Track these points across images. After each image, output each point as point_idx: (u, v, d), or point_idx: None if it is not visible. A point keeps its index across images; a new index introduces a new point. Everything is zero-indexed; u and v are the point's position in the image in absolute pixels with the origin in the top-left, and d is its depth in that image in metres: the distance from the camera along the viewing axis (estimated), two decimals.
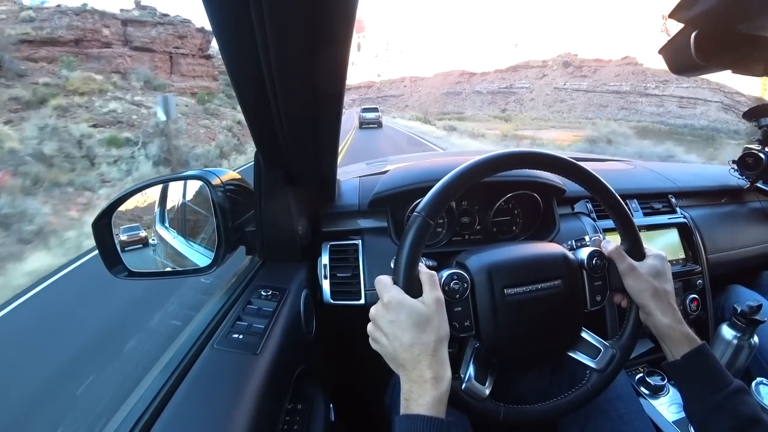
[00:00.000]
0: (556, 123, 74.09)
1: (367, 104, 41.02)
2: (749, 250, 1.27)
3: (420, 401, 0.51)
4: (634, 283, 0.64)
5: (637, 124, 70.06)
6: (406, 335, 0.53)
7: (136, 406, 0.53)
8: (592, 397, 0.65)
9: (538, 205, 1.08)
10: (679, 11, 0.60)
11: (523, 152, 0.66)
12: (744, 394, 0.58)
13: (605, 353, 0.66)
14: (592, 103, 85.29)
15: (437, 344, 0.54)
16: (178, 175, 0.90)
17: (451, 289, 0.60)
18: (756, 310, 0.86)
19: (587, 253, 0.67)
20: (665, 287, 0.65)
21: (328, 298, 0.98)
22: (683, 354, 0.62)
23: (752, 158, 1.30)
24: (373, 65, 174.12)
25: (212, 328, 0.70)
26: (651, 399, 0.94)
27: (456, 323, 0.60)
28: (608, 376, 0.65)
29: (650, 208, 1.22)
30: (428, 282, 0.57)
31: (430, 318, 0.54)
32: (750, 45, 0.66)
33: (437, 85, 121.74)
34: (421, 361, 0.52)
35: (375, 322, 0.58)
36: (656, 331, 0.65)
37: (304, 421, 0.72)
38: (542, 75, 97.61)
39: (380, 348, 0.57)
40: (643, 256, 0.67)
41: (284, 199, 0.88)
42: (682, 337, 0.62)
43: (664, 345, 0.65)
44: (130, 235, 0.85)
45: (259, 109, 0.65)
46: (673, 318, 0.63)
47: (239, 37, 0.51)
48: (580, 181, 0.67)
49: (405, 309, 0.54)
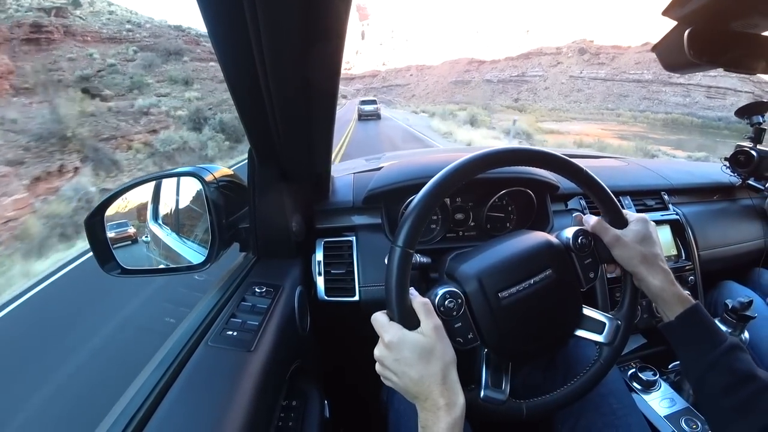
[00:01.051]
0: (576, 114, 69.21)
1: (371, 95, 40.29)
2: (740, 246, 1.28)
3: (435, 429, 0.52)
4: (622, 252, 0.65)
5: (665, 116, 66.08)
6: (413, 370, 0.54)
7: (130, 404, 0.53)
8: (606, 371, 0.65)
9: (531, 202, 1.09)
10: (672, 9, 0.60)
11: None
12: (738, 350, 0.59)
13: (611, 325, 0.66)
14: (612, 92, 79.58)
15: (445, 371, 0.54)
16: (171, 172, 0.89)
17: (446, 309, 0.60)
18: (747, 306, 0.87)
19: (571, 233, 0.67)
20: (653, 250, 0.65)
21: (323, 295, 0.98)
22: (677, 314, 0.62)
23: (744, 156, 1.32)
24: (378, 54, 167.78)
25: (206, 325, 0.69)
26: (643, 394, 0.95)
27: (460, 339, 0.60)
28: (617, 347, 0.66)
29: (643, 204, 1.23)
30: (423, 311, 0.57)
31: (432, 348, 0.54)
32: (742, 43, 0.66)
33: (445, 74, 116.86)
34: (432, 391, 0.53)
35: (381, 363, 0.58)
36: (650, 294, 0.65)
37: (299, 417, 0.72)
38: (556, 63, 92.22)
39: (393, 385, 0.58)
40: (625, 223, 0.68)
41: (278, 196, 0.88)
42: (674, 297, 0.63)
43: (659, 307, 0.66)
44: (118, 232, 0.84)
45: (253, 104, 0.65)
46: (664, 279, 0.64)
47: (232, 32, 0.51)
48: (557, 169, 0.67)
49: (407, 345, 0.55)
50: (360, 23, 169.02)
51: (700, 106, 67.20)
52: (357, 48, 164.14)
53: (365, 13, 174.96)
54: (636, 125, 53.55)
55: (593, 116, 69.67)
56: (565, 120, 59.07)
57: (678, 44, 0.65)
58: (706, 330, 0.61)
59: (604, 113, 74.84)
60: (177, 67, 33.78)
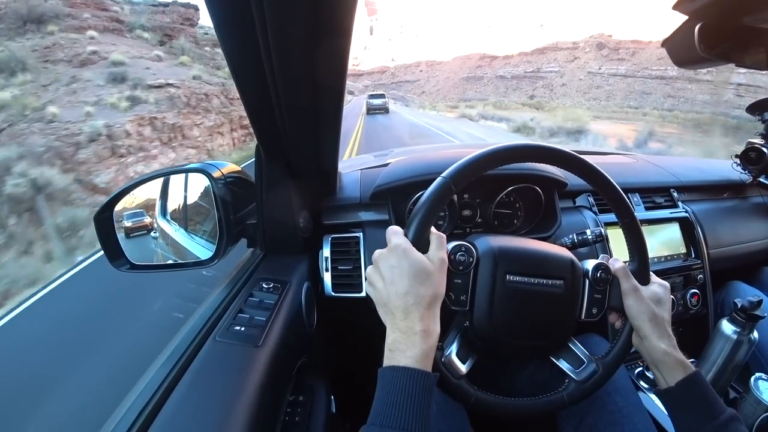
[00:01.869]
0: (599, 112, 63.79)
1: (380, 90, 38.43)
2: (750, 245, 1.27)
3: (407, 353, 0.50)
4: (635, 303, 0.64)
5: (696, 115, 60.94)
6: (404, 282, 0.53)
7: (139, 398, 0.54)
8: (564, 406, 0.64)
9: (539, 199, 1.08)
10: (683, 3, 0.60)
11: (533, 146, 0.65)
12: (737, 422, 0.58)
13: (587, 367, 0.65)
14: (633, 89, 73.33)
15: (432, 299, 0.54)
16: (179, 168, 0.90)
17: (456, 260, 0.61)
18: (756, 306, 0.86)
19: (593, 265, 0.66)
20: (664, 315, 0.65)
21: (330, 291, 0.98)
22: (677, 381, 0.61)
23: (755, 153, 1.30)
24: (387, 49, 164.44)
25: (214, 320, 0.70)
26: (649, 393, 0.94)
27: (452, 294, 0.61)
28: (586, 389, 0.64)
29: (652, 202, 1.22)
30: (436, 242, 0.57)
31: (431, 273, 0.54)
32: (754, 37, 0.65)
33: (456, 70, 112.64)
34: (412, 312, 0.52)
35: (376, 264, 0.58)
36: (650, 357, 0.64)
37: (305, 412, 0.72)
38: (573, 58, 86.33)
39: (374, 292, 0.57)
40: (648, 282, 0.67)
41: (285, 192, 0.88)
42: (676, 363, 0.62)
43: (657, 372, 0.64)
44: (134, 222, 0.86)
45: (260, 100, 0.65)
46: (668, 344, 0.63)
47: (239, 28, 0.51)
48: (589, 181, 0.66)
49: (409, 258, 0.54)
50: (368, 18, 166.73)
51: (730, 105, 60.33)
52: (365, 43, 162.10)
53: (374, 8, 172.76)
54: (666, 125, 50.44)
55: (617, 115, 64.71)
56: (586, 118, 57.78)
57: (688, 39, 0.64)
58: (706, 399, 0.60)
59: (629, 112, 70.01)
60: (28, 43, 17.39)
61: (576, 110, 35.16)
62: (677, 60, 0.73)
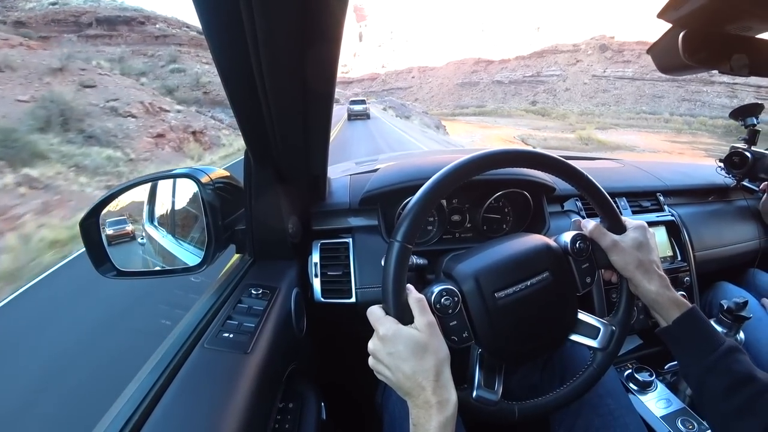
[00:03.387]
0: (615, 119, 56.65)
1: (372, 98, 36.28)
2: (736, 247, 1.29)
3: (427, 426, 0.52)
4: (619, 257, 0.66)
5: (725, 121, 54.08)
6: (407, 365, 0.54)
7: (125, 407, 0.53)
8: (599, 376, 0.66)
9: (528, 203, 1.09)
10: (667, 11, 0.61)
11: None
12: (737, 352, 0.60)
13: (605, 331, 0.67)
14: (643, 93, 67.42)
15: (438, 368, 0.54)
16: (167, 174, 0.89)
17: (442, 306, 0.60)
18: (742, 307, 0.87)
19: (569, 237, 0.68)
20: (649, 257, 0.66)
21: (319, 297, 0.98)
22: (674, 319, 0.63)
23: (738, 157, 1.32)
24: (377, 56, 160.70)
25: (202, 327, 0.69)
26: (639, 395, 0.95)
27: (455, 337, 0.60)
28: (611, 353, 0.66)
29: (639, 206, 1.23)
30: (417, 307, 0.57)
31: (426, 343, 0.55)
32: (737, 45, 0.67)
33: (450, 75, 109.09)
34: (425, 388, 0.53)
35: (375, 356, 0.58)
36: (646, 300, 0.66)
37: (295, 419, 0.72)
38: (575, 61, 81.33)
39: (385, 379, 0.58)
40: (623, 229, 0.69)
41: (274, 197, 0.88)
42: (670, 302, 0.64)
43: (655, 312, 0.67)
44: (116, 229, 0.84)
45: (249, 105, 0.65)
46: (659, 285, 0.65)
47: (228, 33, 0.51)
48: (557, 172, 0.67)
49: (401, 339, 0.55)
50: (357, 24, 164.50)
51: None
52: (354, 50, 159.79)
53: (363, 14, 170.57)
54: (699, 135, 45.96)
55: (636, 122, 59.69)
56: (608, 127, 47.82)
57: (673, 46, 0.65)
58: (703, 333, 0.62)
59: (648, 118, 65.73)
60: None
61: (589, 116, 30.11)
62: (662, 67, 0.74)
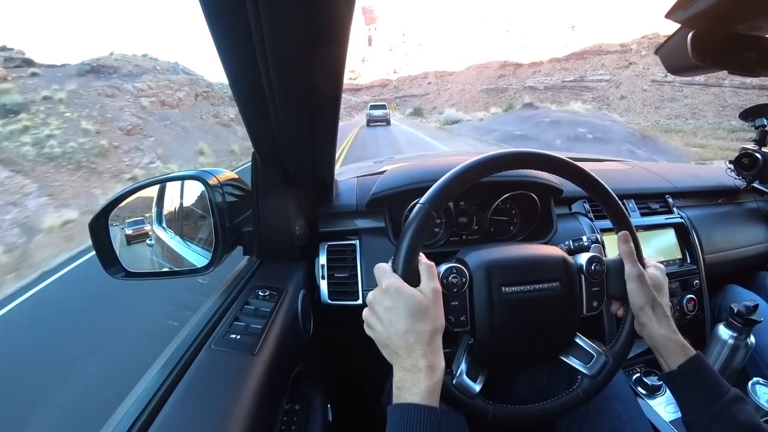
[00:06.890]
0: (701, 137, 44.34)
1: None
2: (746, 250, 1.27)
3: (414, 390, 0.51)
4: (638, 289, 0.64)
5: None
6: (402, 322, 0.53)
7: (132, 407, 0.53)
8: (581, 403, 0.64)
9: (535, 206, 1.08)
10: (675, 11, 0.60)
11: (525, 152, 0.66)
12: (741, 402, 0.58)
13: (598, 360, 0.66)
14: (725, 103, 51.52)
15: (432, 334, 0.54)
16: (175, 175, 0.89)
17: (449, 283, 0.60)
18: (752, 310, 0.86)
19: (586, 258, 0.67)
20: (664, 299, 0.65)
21: (326, 299, 0.98)
22: (679, 364, 0.62)
23: (749, 159, 1.31)
24: (388, 60, 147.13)
25: (210, 328, 0.69)
26: (648, 399, 0.94)
27: (452, 317, 0.60)
28: (599, 382, 0.65)
29: (647, 208, 1.22)
30: (426, 272, 0.57)
31: (427, 307, 0.54)
32: (747, 45, 0.66)
33: (472, 81, 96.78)
34: (415, 350, 0.52)
35: (371, 308, 0.58)
36: (652, 342, 0.65)
37: (301, 421, 0.72)
38: (627, 63, 66.56)
39: (374, 334, 0.57)
40: (643, 266, 0.67)
41: (282, 199, 0.88)
42: (677, 347, 0.62)
43: (660, 356, 0.65)
44: (135, 229, 0.86)
45: (257, 108, 0.65)
46: (668, 328, 0.63)
47: (236, 36, 0.51)
48: (584, 187, 0.67)
49: (403, 296, 0.54)
50: (366, 27, 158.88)
51: None
52: (363, 55, 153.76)
53: (372, 16, 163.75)
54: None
55: (732, 143, 45.80)
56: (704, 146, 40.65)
57: (681, 47, 0.65)
58: (708, 380, 0.60)
59: (742, 138, 51.36)
60: None
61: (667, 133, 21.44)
62: (670, 67, 0.74)
